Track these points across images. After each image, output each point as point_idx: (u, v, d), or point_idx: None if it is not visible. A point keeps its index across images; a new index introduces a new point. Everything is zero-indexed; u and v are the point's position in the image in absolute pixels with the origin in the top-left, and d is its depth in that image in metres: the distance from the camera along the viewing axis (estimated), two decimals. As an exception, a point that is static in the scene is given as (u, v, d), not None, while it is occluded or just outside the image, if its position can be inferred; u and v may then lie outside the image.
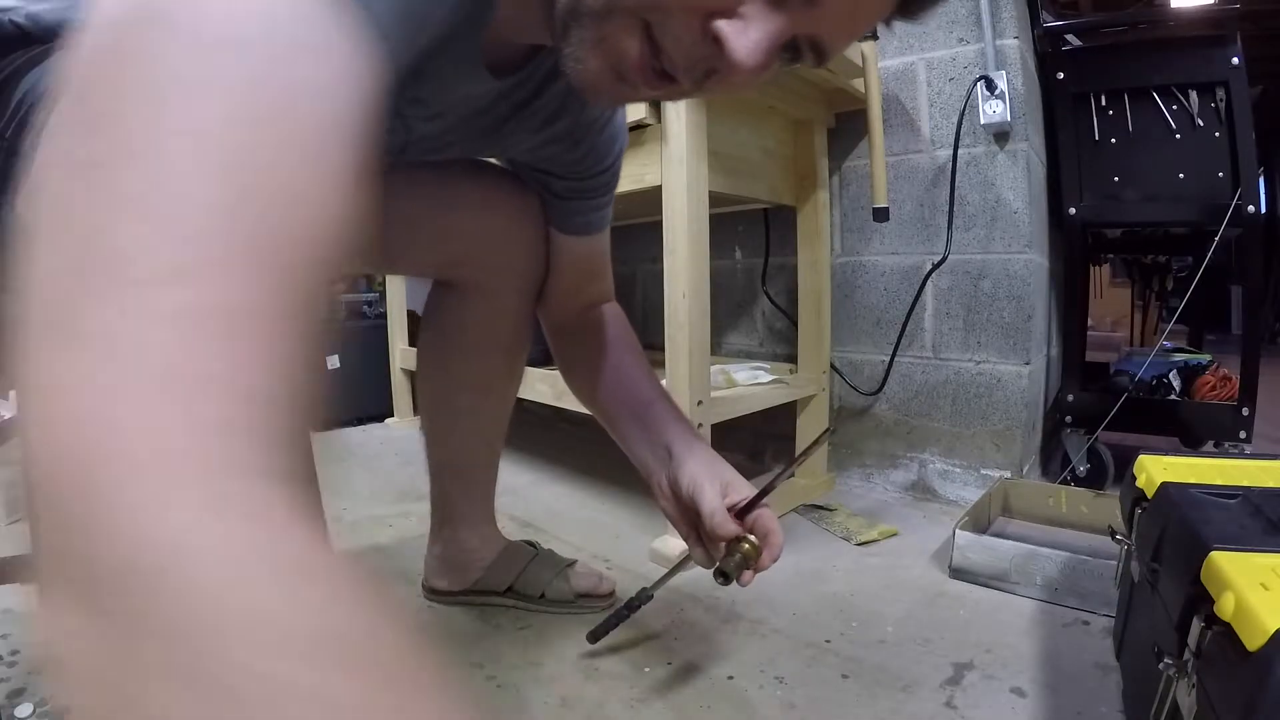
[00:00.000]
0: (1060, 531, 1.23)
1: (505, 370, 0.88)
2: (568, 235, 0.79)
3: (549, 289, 0.83)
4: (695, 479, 0.67)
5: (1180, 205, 1.38)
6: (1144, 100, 1.38)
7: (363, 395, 2.32)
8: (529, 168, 0.75)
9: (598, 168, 0.73)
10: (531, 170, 0.76)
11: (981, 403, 1.39)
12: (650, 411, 0.74)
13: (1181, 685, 0.51)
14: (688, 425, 0.74)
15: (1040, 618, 0.93)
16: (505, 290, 0.82)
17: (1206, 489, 0.66)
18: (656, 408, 0.74)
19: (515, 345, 0.86)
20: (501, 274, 0.80)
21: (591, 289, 0.83)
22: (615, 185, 0.77)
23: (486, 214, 0.77)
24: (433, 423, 0.90)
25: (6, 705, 0.75)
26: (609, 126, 0.71)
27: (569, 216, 0.78)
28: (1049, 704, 0.74)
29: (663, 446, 0.71)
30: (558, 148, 0.69)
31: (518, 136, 0.66)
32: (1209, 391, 1.49)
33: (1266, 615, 0.42)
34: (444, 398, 0.88)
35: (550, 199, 0.77)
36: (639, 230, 1.81)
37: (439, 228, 0.77)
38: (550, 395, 1.38)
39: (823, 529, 1.28)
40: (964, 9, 1.36)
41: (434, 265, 0.84)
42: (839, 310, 1.55)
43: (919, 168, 1.44)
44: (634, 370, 0.79)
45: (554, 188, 0.76)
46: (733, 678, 0.80)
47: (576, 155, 0.71)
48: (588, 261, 0.82)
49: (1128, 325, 3.95)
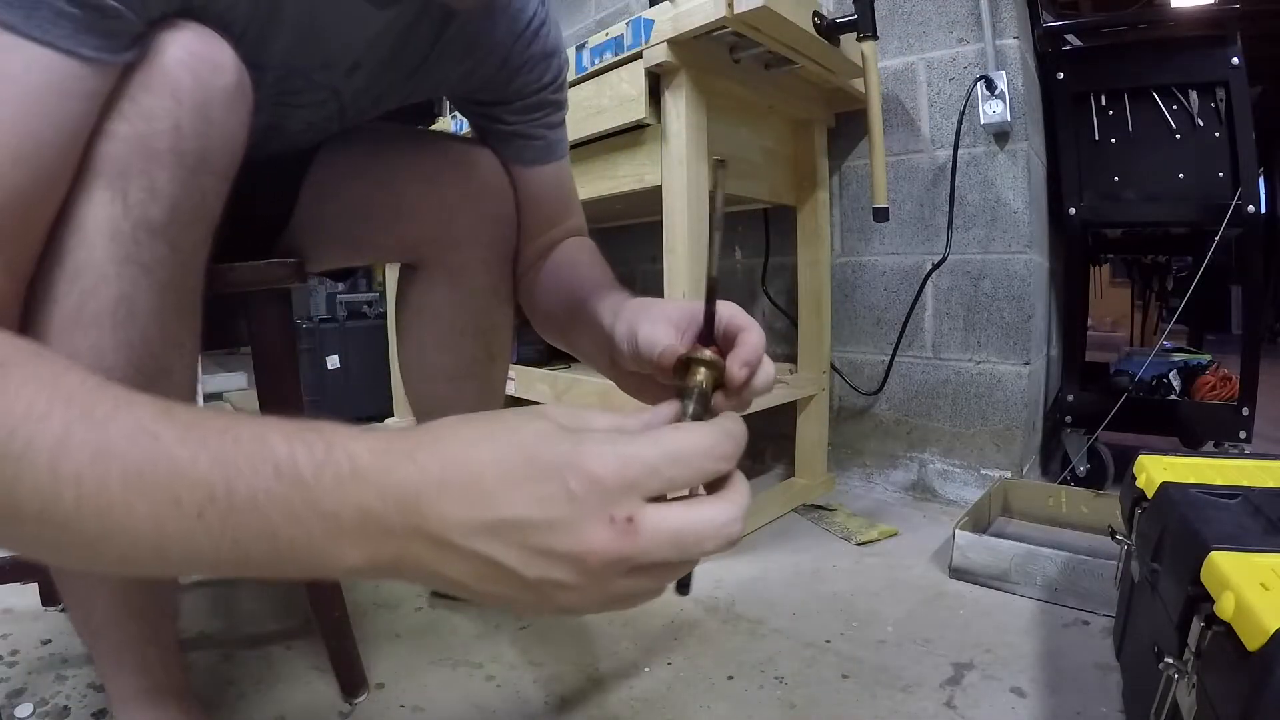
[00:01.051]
0: (1060, 531, 1.23)
1: (484, 354, 0.80)
2: (525, 167, 0.73)
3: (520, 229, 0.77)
4: (631, 327, 0.48)
5: (1180, 205, 1.38)
6: (1144, 100, 1.38)
7: (363, 395, 2.32)
8: (472, 105, 0.72)
9: (536, 85, 0.69)
10: (475, 107, 0.72)
11: (981, 403, 1.39)
12: (594, 300, 0.59)
13: (1181, 685, 0.51)
14: (628, 293, 0.59)
15: (1040, 618, 0.93)
16: (471, 267, 0.75)
17: (1206, 489, 0.66)
18: (598, 291, 0.60)
19: (491, 326, 0.79)
20: (463, 249, 0.74)
21: (559, 224, 0.76)
22: (563, 108, 0.73)
23: (435, 189, 0.72)
24: (418, 417, 0.86)
25: (6, 705, 0.75)
26: (536, 41, 0.67)
27: (523, 148, 0.73)
28: (1049, 704, 0.74)
29: (603, 324, 0.55)
30: (486, 69, 0.66)
31: (444, 68, 0.64)
32: (1209, 391, 1.49)
33: (1266, 615, 0.42)
34: (423, 391, 0.84)
35: (503, 135, 0.72)
36: (639, 230, 1.81)
37: (388, 211, 0.74)
38: (550, 395, 1.39)
39: (823, 529, 1.28)
40: (964, 9, 1.36)
41: (392, 250, 0.79)
42: (839, 310, 1.55)
43: (919, 168, 1.44)
44: (589, 273, 0.67)
45: (503, 118, 0.71)
46: (733, 678, 0.80)
47: (507, 74, 0.67)
48: (555, 189, 0.75)
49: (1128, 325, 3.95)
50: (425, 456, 0.29)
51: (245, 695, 0.77)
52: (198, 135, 0.43)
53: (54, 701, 0.75)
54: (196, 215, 0.45)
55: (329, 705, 0.75)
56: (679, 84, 1.05)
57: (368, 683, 0.78)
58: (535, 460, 0.29)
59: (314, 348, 2.24)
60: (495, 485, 0.28)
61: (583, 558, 0.28)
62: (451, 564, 0.29)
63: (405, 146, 0.74)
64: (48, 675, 0.81)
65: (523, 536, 0.28)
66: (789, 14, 1.01)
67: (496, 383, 0.85)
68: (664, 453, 0.30)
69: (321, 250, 0.75)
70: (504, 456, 0.29)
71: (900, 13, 1.43)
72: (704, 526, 0.30)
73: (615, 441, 0.29)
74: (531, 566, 0.28)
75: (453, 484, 0.28)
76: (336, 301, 2.42)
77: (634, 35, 1.07)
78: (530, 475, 0.28)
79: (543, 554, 0.28)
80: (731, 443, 0.32)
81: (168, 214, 0.43)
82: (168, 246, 0.44)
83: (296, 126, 0.64)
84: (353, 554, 0.28)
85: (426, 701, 0.76)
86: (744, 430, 0.33)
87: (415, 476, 0.28)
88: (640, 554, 0.28)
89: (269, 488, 0.27)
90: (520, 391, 1.49)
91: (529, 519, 0.28)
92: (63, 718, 0.73)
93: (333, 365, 2.28)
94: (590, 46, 1.15)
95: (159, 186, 0.42)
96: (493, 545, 0.28)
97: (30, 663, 0.83)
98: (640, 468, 0.29)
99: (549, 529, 0.28)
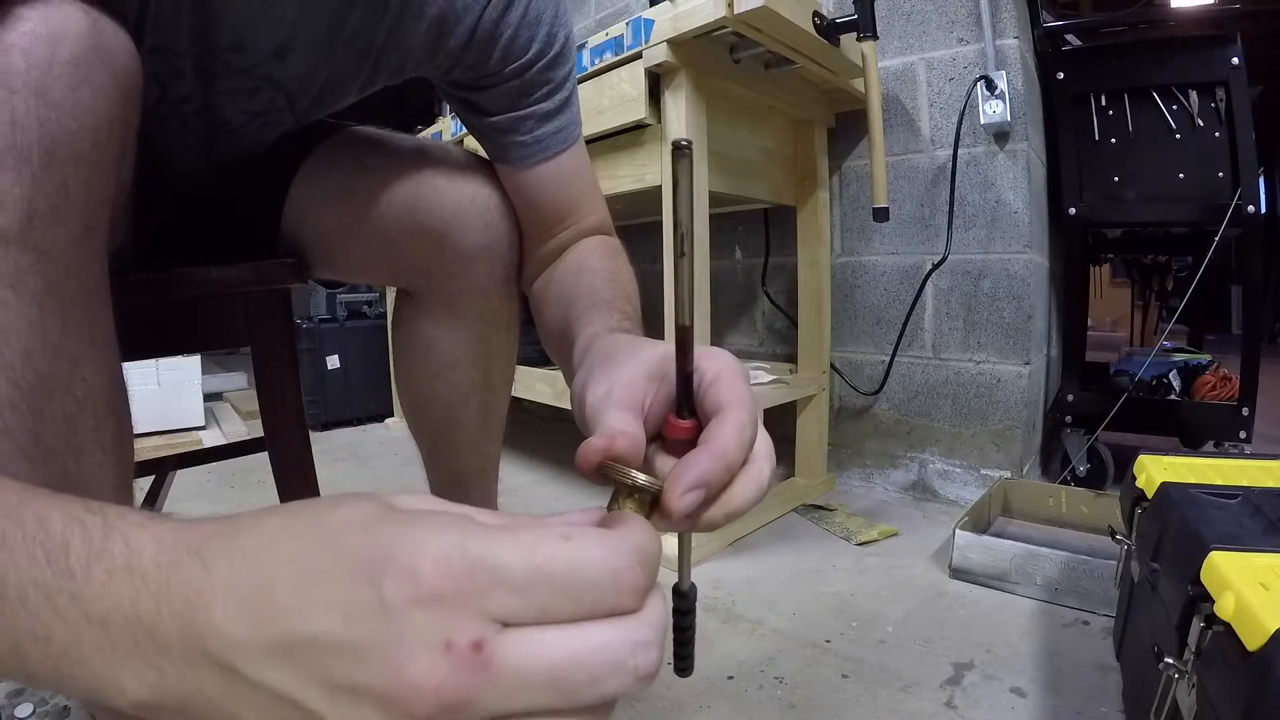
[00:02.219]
0: (1060, 531, 1.23)
1: (482, 382, 0.74)
2: (518, 168, 0.63)
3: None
4: (584, 382, 0.39)
5: (1180, 205, 1.38)
6: (1144, 100, 1.38)
7: (363, 395, 2.32)
8: (453, 90, 0.64)
9: (519, 60, 0.59)
10: (457, 92, 0.63)
11: (981, 403, 1.39)
12: (578, 326, 0.50)
13: (1181, 685, 0.51)
14: (617, 318, 0.49)
15: (1040, 618, 0.93)
16: (466, 294, 0.68)
17: (1206, 489, 0.66)
18: (587, 319, 0.50)
19: (490, 353, 0.73)
20: (456, 278, 0.67)
21: (567, 225, 0.66)
22: (562, 88, 0.62)
23: (419, 219, 0.64)
24: (417, 437, 0.83)
25: (6, 705, 0.75)
26: (512, 7, 0.58)
27: (513, 146, 0.62)
28: (1049, 704, 0.74)
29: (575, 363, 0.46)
30: (452, 42, 0.58)
31: (403, 45, 0.58)
32: (1209, 391, 1.49)
33: (1266, 615, 0.42)
34: (419, 417, 0.79)
35: (490, 131, 0.63)
36: (639, 230, 1.81)
37: (371, 242, 0.67)
38: (550, 395, 1.39)
39: (822, 529, 1.28)
40: (964, 9, 1.36)
41: (379, 277, 0.74)
42: (839, 310, 1.55)
43: (919, 168, 1.44)
44: (585, 290, 0.57)
45: (486, 107, 0.62)
46: (733, 678, 0.80)
47: (479, 47, 0.58)
48: (557, 188, 0.64)
49: (1128, 325, 3.95)
50: (214, 553, 0.22)
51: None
52: (40, 123, 0.38)
53: (54, 701, 0.75)
54: (60, 213, 0.40)
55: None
56: (679, 84, 1.05)
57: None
58: (341, 553, 0.21)
59: (314, 348, 2.25)
60: (287, 592, 0.21)
61: (403, 700, 0.19)
62: (243, 702, 0.21)
63: (389, 169, 0.66)
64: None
65: (323, 664, 0.20)
66: (789, 14, 1.01)
67: (496, 409, 0.79)
68: (534, 565, 0.21)
69: (309, 265, 0.73)
70: (304, 551, 0.21)
71: (900, 13, 1.43)
72: (599, 656, 0.21)
73: (464, 531, 0.21)
74: (336, 708, 0.20)
75: (238, 590, 0.21)
76: (336, 301, 2.42)
77: (634, 35, 1.08)
78: (332, 575, 0.20)
79: (349, 691, 0.20)
80: (641, 570, 0.22)
81: (22, 219, 0.38)
82: (32, 253, 0.39)
83: (238, 119, 0.60)
84: (130, 680, 0.21)
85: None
86: (658, 549, 0.24)
87: (198, 578, 0.21)
88: (495, 699, 0.20)
89: (40, 578, 0.22)
90: (521, 392, 1.49)
91: (329, 637, 0.20)
92: (62, 718, 0.73)
93: (333, 365, 2.28)
94: (590, 46, 1.15)
95: (3, 191, 0.37)
96: (285, 675, 0.20)
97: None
98: (493, 575, 0.20)
99: (355, 654, 0.20)
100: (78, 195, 0.41)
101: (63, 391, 0.42)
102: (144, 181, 0.50)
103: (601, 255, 0.63)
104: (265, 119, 0.62)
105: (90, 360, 0.44)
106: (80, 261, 0.43)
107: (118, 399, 0.47)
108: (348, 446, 2.04)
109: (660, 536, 0.25)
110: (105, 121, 0.42)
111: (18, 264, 0.39)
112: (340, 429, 2.27)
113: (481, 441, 0.80)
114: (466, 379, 0.73)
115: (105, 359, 0.46)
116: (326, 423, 2.27)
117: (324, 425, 2.26)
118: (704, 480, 0.28)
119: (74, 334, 0.43)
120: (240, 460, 1.03)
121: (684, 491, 0.27)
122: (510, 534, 0.21)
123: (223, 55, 0.54)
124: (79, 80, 0.40)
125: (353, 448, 2.03)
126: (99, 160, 0.42)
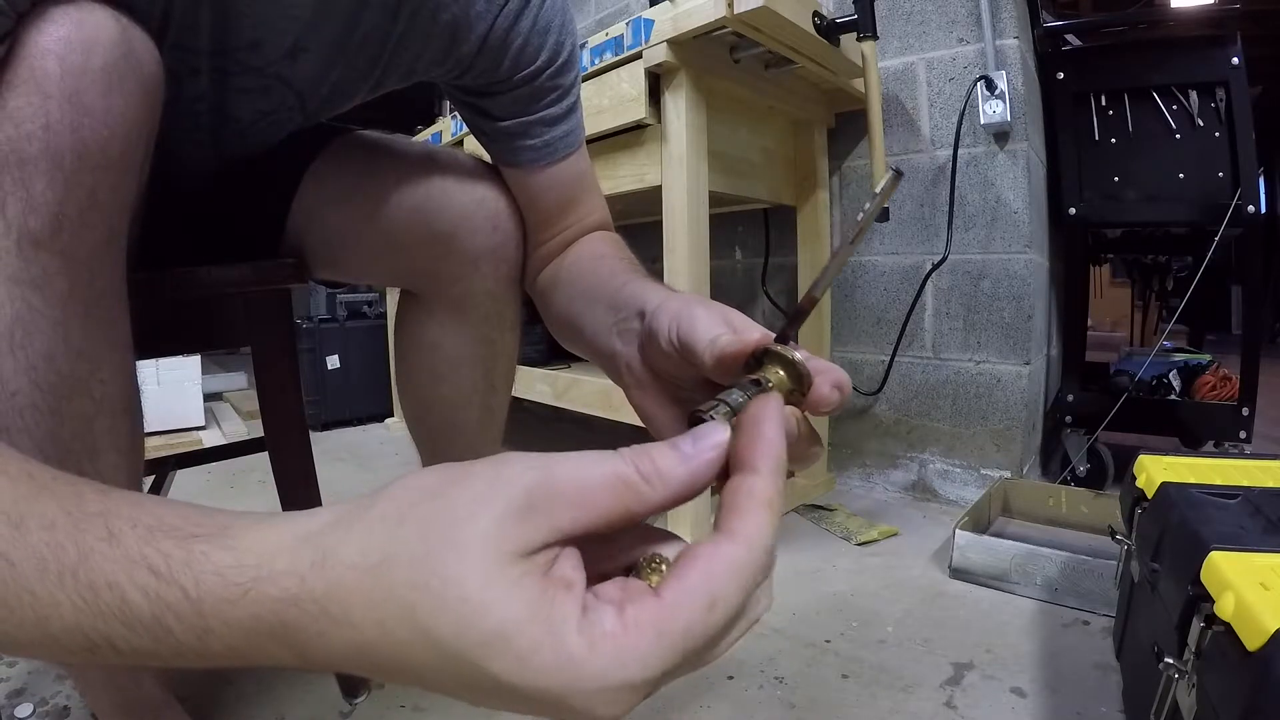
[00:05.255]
0: (1060, 531, 1.23)
1: (484, 384, 0.76)
2: (525, 170, 0.65)
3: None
4: (681, 315, 0.40)
5: (1180, 205, 1.38)
6: (1144, 100, 1.38)
7: (363, 395, 2.32)
8: (462, 96, 0.65)
9: (529, 67, 0.60)
10: (465, 98, 0.64)
11: (981, 403, 1.39)
12: (623, 291, 0.51)
13: (1181, 685, 0.51)
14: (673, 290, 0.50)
15: (1040, 618, 0.93)
16: (471, 297, 0.69)
17: (1206, 489, 0.66)
18: (631, 284, 0.51)
19: (493, 355, 0.74)
20: (460, 281, 0.68)
21: (570, 223, 0.67)
22: (569, 94, 0.63)
23: (426, 222, 0.66)
24: (417, 438, 0.84)
25: (6, 705, 0.75)
26: (523, 15, 0.58)
27: (521, 150, 0.64)
28: (1049, 704, 0.74)
29: (634, 313, 0.47)
30: (464, 50, 0.59)
31: (413, 50, 0.58)
32: (1209, 391, 1.49)
33: (1266, 615, 0.42)
34: (420, 417, 0.80)
35: (498, 135, 0.64)
36: (639, 230, 1.81)
37: (376, 244, 0.68)
38: (550, 395, 1.39)
39: (823, 529, 1.28)
40: (964, 9, 1.36)
41: (384, 279, 0.75)
42: (839, 310, 1.55)
43: (919, 168, 1.44)
44: (613, 265, 0.58)
45: (495, 113, 0.63)
46: (733, 678, 0.80)
47: (491, 55, 0.59)
48: (561, 189, 0.66)
49: (1128, 325, 3.95)
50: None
51: (245, 696, 0.77)
52: (73, 129, 0.39)
53: (54, 701, 0.75)
54: (88, 218, 0.41)
55: (329, 705, 0.75)
56: (679, 84, 1.05)
57: (368, 683, 0.78)
58: (500, 694, 0.22)
59: (314, 348, 2.25)
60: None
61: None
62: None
63: (397, 172, 0.67)
64: (48, 675, 0.81)
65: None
66: (789, 14, 1.01)
67: (497, 410, 0.80)
68: (684, 653, 0.22)
69: (312, 267, 0.74)
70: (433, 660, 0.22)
71: (900, 13, 1.43)
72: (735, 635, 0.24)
73: (623, 663, 0.21)
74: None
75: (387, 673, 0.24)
76: (336, 301, 2.42)
77: (634, 35, 1.08)
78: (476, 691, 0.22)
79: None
80: (765, 587, 0.25)
81: (52, 223, 0.39)
82: (59, 257, 0.40)
83: (248, 116, 0.61)
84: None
85: (427, 702, 0.76)
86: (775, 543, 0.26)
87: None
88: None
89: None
90: (521, 392, 1.49)
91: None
92: (62, 718, 0.73)
93: (333, 365, 2.28)
94: (590, 46, 1.15)
95: (35, 195, 0.38)
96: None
97: (30, 663, 0.83)
98: (657, 684, 0.22)
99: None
100: (104, 201, 0.42)
101: (82, 393, 0.43)
102: (152, 179, 0.50)
103: (611, 244, 0.65)
104: (275, 118, 0.63)
105: (109, 362, 0.45)
106: (103, 265, 0.44)
107: (133, 400, 0.48)
108: (348, 446, 2.05)
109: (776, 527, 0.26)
110: (134, 129, 0.42)
111: (45, 267, 0.40)
112: (340, 429, 2.27)
113: (482, 443, 0.81)
114: (469, 381, 0.74)
115: (123, 361, 0.47)
116: (326, 423, 2.27)
117: (324, 425, 2.26)
118: (840, 382, 0.34)
119: (95, 337, 0.44)
120: (240, 460, 1.04)
121: (830, 387, 0.33)
122: (660, 638, 0.22)
123: (239, 54, 0.54)
124: (110, 88, 0.40)
125: (353, 448, 2.03)
126: (126, 167, 0.43)
